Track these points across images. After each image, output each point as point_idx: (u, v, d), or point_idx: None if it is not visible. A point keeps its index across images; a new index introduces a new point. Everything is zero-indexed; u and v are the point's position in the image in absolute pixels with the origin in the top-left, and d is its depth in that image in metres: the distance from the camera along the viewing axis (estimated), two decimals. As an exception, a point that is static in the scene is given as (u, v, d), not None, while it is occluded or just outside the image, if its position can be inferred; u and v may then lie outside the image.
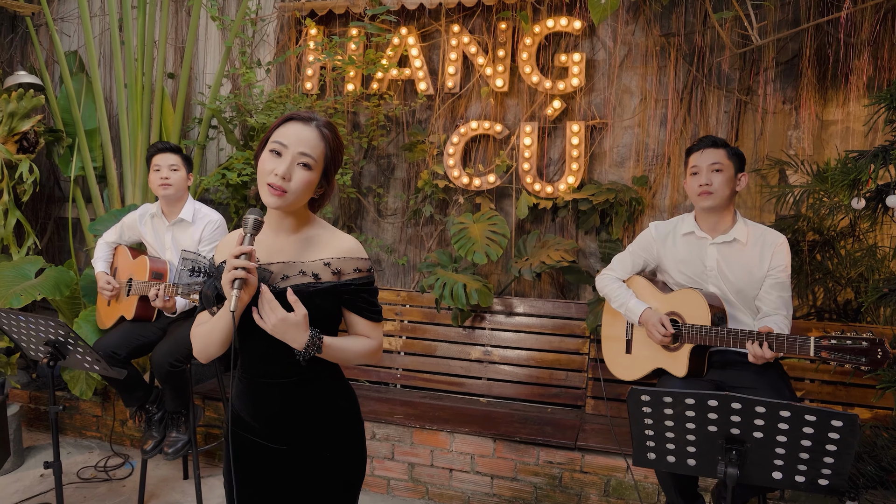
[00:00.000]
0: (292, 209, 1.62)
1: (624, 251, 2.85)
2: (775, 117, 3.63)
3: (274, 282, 1.64)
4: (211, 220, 3.15)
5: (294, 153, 1.56)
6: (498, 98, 3.96)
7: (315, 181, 1.60)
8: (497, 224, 3.69)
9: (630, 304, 2.67)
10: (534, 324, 3.71)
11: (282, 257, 1.66)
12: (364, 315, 1.71)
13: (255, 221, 1.56)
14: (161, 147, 3.15)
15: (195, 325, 1.71)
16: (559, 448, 3.15)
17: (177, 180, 3.12)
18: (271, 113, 3.75)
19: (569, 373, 3.61)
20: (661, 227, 2.72)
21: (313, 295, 1.62)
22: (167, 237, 3.17)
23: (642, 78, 3.81)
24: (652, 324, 2.54)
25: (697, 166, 2.55)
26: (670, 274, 2.67)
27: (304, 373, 1.66)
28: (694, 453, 1.97)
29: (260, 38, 4.34)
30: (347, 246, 1.68)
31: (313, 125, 1.60)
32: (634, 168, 3.84)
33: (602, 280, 2.84)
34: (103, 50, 4.64)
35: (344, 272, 1.65)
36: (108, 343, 3.02)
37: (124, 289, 3.17)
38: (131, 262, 3.23)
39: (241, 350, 1.70)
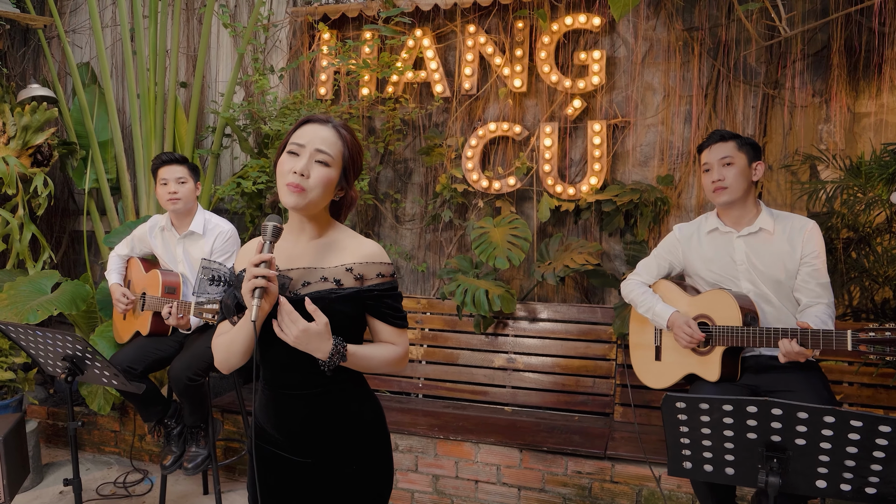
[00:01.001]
0: (312, 211, 1.62)
1: (649, 256, 2.82)
2: (804, 111, 3.57)
3: (294, 288, 1.63)
4: (222, 231, 3.14)
5: (311, 150, 1.58)
6: (516, 99, 3.95)
7: (334, 180, 1.61)
8: (518, 227, 3.66)
9: (657, 308, 2.64)
10: (558, 329, 3.67)
11: (302, 263, 1.65)
12: (388, 321, 1.69)
13: (274, 228, 1.56)
14: (166, 159, 3.12)
15: (216, 336, 1.71)
16: (588, 457, 3.11)
17: (185, 193, 3.11)
18: (286, 120, 3.76)
19: (596, 379, 3.57)
20: (685, 229, 2.70)
21: (335, 301, 1.61)
22: (178, 250, 3.18)
23: (665, 74, 3.77)
24: (678, 326, 2.51)
25: (708, 163, 2.54)
26: (700, 275, 2.63)
27: (328, 383, 1.65)
28: (732, 462, 1.93)
29: (272, 44, 4.36)
30: (369, 250, 1.67)
31: (330, 125, 1.63)
32: (659, 167, 3.80)
33: (627, 286, 2.81)
34: (115, 61, 4.69)
35: (366, 277, 1.65)
36: (124, 358, 3.03)
37: (138, 303, 3.19)
38: (144, 275, 3.24)
39: (263, 360, 1.69)
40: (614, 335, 3.55)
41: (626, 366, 3.52)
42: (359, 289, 1.64)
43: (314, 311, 1.53)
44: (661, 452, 3.02)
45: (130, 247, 3.34)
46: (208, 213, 3.22)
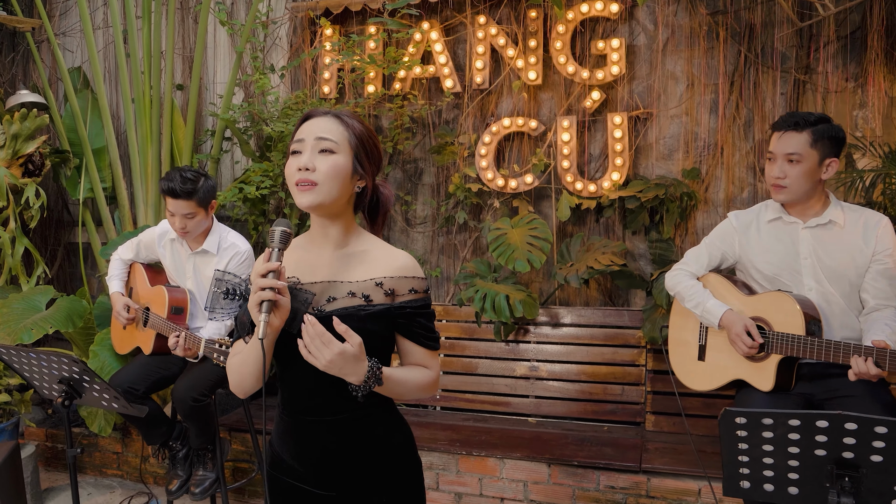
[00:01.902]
0: (332, 209, 1.49)
1: (698, 245, 2.60)
2: (838, 97, 3.42)
3: (318, 304, 1.49)
4: (238, 250, 2.95)
5: (312, 142, 1.46)
6: (531, 92, 3.80)
7: (344, 167, 1.46)
8: (538, 228, 3.51)
9: (708, 304, 2.44)
10: (583, 335, 3.52)
11: (326, 276, 1.52)
12: (421, 342, 1.56)
13: (283, 234, 1.41)
14: (170, 191, 2.78)
15: (231, 356, 1.57)
16: (622, 471, 2.96)
17: (195, 225, 2.87)
18: (288, 121, 3.61)
19: (625, 387, 3.42)
20: (742, 217, 2.49)
21: (365, 319, 1.47)
22: (188, 266, 3.01)
23: (687, 62, 3.62)
24: (736, 333, 2.33)
25: (773, 152, 2.33)
26: (756, 268, 2.42)
27: (357, 407, 1.50)
28: (797, 480, 1.78)
29: (272, 42, 4.22)
30: (401, 263, 1.53)
31: (329, 115, 1.50)
32: (684, 160, 3.64)
33: (675, 277, 2.59)
34: (108, 64, 4.54)
35: (398, 293, 1.51)
36: (125, 378, 2.88)
37: (140, 317, 3.04)
38: (149, 288, 3.09)
39: (282, 383, 1.56)
40: (644, 340, 3.39)
41: (656, 372, 3.37)
42: (390, 306, 1.50)
43: (346, 332, 1.38)
44: (699, 465, 2.87)
45: (136, 252, 3.16)
46: (224, 228, 3.01)
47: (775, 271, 2.38)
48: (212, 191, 2.90)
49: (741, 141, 3.57)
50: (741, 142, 3.57)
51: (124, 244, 3.23)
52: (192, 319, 3.02)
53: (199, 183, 2.83)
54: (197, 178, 2.83)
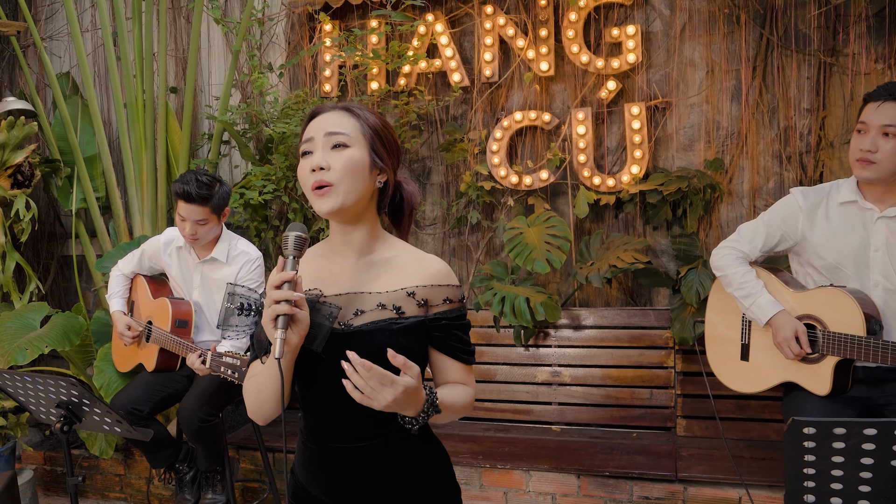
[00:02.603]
0: (355, 210, 1.36)
1: (753, 221, 2.36)
2: (867, 79, 3.28)
3: (343, 319, 1.36)
4: (249, 258, 2.82)
5: (322, 139, 1.33)
6: (543, 84, 3.66)
7: (362, 160, 1.34)
8: (556, 226, 3.37)
9: (760, 299, 2.26)
10: (607, 337, 3.38)
11: (351, 286, 1.38)
12: (458, 357, 1.43)
13: (297, 239, 1.27)
14: (185, 194, 2.64)
15: (247, 379, 1.42)
16: (656, 481, 2.82)
17: (206, 232, 2.73)
18: (290, 121, 3.46)
19: (653, 390, 3.28)
20: (810, 195, 2.24)
21: (398, 334, 1.34)
22: (196, 276, 2.87)
23: (706, 48, 3.48)
24: (784, 337, 2.17)
25: (866, 123, 2.08)
26: (819, 254, 2.20)
27: (392, 432, 1.37)
28: (868, 494, 1.64)
29: (268, 40, 4.07)
30: (434, 269, 1.40)
31: (337, 109, 1.38)
32: (705, 151, 3.51)
33: (724, 257, 2.36)
34: (98, 68, 4.39)
35: (432, 303, 1.38)
36: (127, 398, 2.74)
37: (143, 333, 2.89)
38: (151, 301, 2.94)
39: (305, 408, 1.42)
40: (671, 340, 3.25)
41: (685, 374, 3.23)
42: (424, 318, 1.37)
43: (404, 364, 1.22)
44: (735, 472, 2.73)
45: (138, 263, 3.00)
46: (234, 236, 2.88)
47: (839, 260, 2.17)
48: (226, 198, 2.77)
49: (765, 129, 3.44)
50: (765, 129, 3.44)
51: (124, 258, 3.08)
52: (198, 333, 2.88)
53: (216, 188, 2.70)
54: (213, 184, 2.70)
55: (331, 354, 1.32)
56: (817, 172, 3.37)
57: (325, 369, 1.35)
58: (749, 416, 3.12)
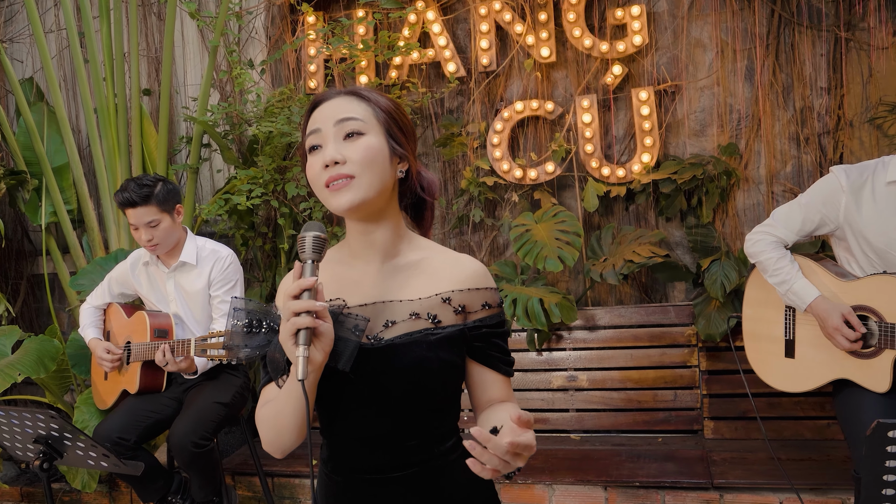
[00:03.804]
0: (376, 205, 1.19)
1: (788, 204, 2.23)
2: (886, 53, 3.17)
3: (372, 332, 1.19)
4: (220, 256, 2.67)
5: (331, 128, 1.17)
6: (543, 71, 3.50)
7: (380, 147, 1.18)
8: (566, 221, 3.21)
9: (796, 285, 2.14)
10: (625, 336, 3.22)
11: (378, 294, 1.22)
12: (500, 369, 1.27)
13: (315, 240, 1.10)
14: (125, 201, 2.52)
15: (260, 406, 1.24)
16: (690, 489, 2.67)
17: (163, 235, 2.57)
18: (275, 119, 3.27)
19: (677, 391, 3.12)
20: (853, 174, 2.09)
21: (436, 346, 1.18)
22: (169, 286, 2.68)
23: (715, 27, 3.35)
24: (834, 325, 2.03)
25: None
26: (866, 238, 2.07)
27: (433, 457, 1.22)
28: (959, 500, 1.49)
29: (247, 35, 3.87)
30: (470, 271, 1.25)
31: (343, 94, 1.21)
32: (719, 135, 3.37)
33: (758, 243, 2.23)
34: (64, 72, 4.16)
35: (470, 309, 1.23)
36: (111, 428, 2.53)
37: (123, 355, 2.69)
38: (126, 320, 2.74)
39: (328, 435, 1.26)
40: (694, 337, 3.10)
41: (710, 372, 3.08)
42: (463, 326, 1.22)
43: (528, 422, 1.00)
44: (783, 476, 2.59)
45: (108, 292, 2.83)
46: (201, 238, 2.74)
47: (888, 244, 2.03)
48: (173, 194, 2.61)
49: (780, 110, 3.31)
50: (780, 111, 3.31)
51: (93, 292, 2.91)
52: (180, 338, 2.69)
53: (158, 186, 2.56)
54: (154, 183, 2.57)
55: (359, 374, 1.16)
56: (837, 154, 3.25)
57: (353, 391, 1.18)
58: (781, 414, 2.98)
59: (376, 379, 1.17)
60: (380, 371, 1.17)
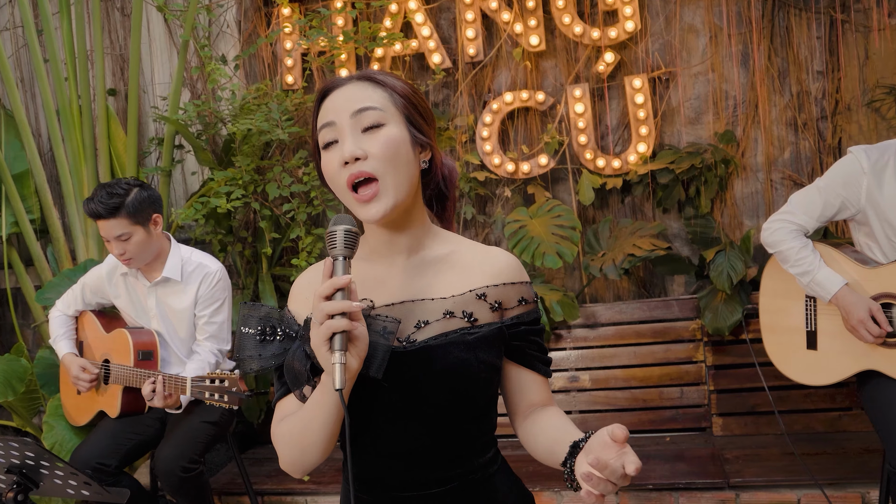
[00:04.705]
0: (404, 205, 1.10)
1: (806, 189, 2.15)
2: (882, 35, 3.13)
3: (404, 335, 1.10)
4: (209, 272, 2.47)
5: (347, 121, 1.07)
6: (532, 60, 3.40)
7: (403, 139, 1.09)
8: (562, 215, 3.12)
9: (819, 275, 2.06)
10: (627, 333, 3.13)
11: (406, 293, 1.13)
12: (539, 370, 1.20)
13: (347, 234, 1.00)
14: (92, 212, 2.32)
15: (277, 422, 1.14)
16: (705, 489, 2.59)
17: (137, 249, 2.36)
18: (253, 117, 3.11)
19: (684, 388, 3.05)
20: (874, 154, 2.02)
21: (475, 347, 1.10)
22: (150, 301, 2.49)
23: (707, 11, 3.29)
24: (859, 319, 1.96)
25: None
26: (889, 221, 2.00)
27: (473, 470, 1.16)
28: None
29: (218, 29, 3.71)
30: (503, 264, 1.17)
31: (355, 80, 1.12)
32: (715, 123, 3.31)
33: (776, 232, 2.15)
34: (22, 73, 3.95)
35: (506, 305, 1.16)
36: (91, 453, 2.36)
37: (101, 374, 2.51)
38: (104, 336, 2.56)
39: (356, 450, 1.16)
40: (699, 332, 3.03)
41: (717, 367, 3.01)
42: (501, 324, 1.14)
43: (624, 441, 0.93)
44: (789, 471, 2.53)
45: (80, 299, 2.62)
46: (185, 248, 2.53)
47: None
48: (148, 202, 2.38)
49: (776, 95, 3.26)
50: (777, 96, 3.26)
51: (63, 297, 2.69)
52: (165, 365, 2.52)
53: (129, 196, 2.33)
54: (127, 191, 2.34)
55: (392, 381, 1.06)
56: (836, 139, 3.21)
57: (385, 400, 1.09)
58: (791, 407, 2.92)
59: (411, 386, 1.08)
60: (415, 377, 1.08)
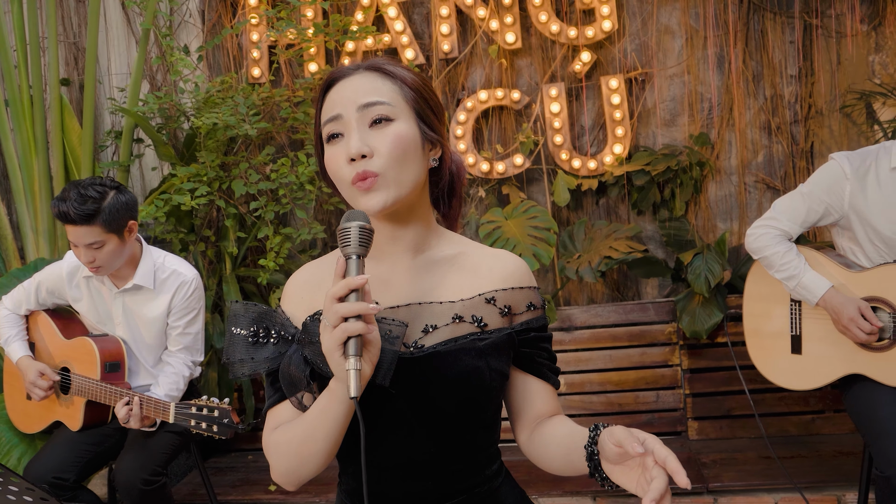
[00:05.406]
0: (406, 202, 1.06)
1: (790, 195, 2.17)
2: (854, 41, 3.18)
3: (411, 340, 1.06)
4: (184, 280, 2.31)
5: (354, 114, 1.03)
6: (508, 58, 3.36)
7: (412, 136, 1.04)
8: (538, 216, 3.08)
9: (805, 278, 2.07)
10: (603, 336, 3.12)
11: (412, 295, 1.09)
12: (549, 379, 1.16)
13: (362, 231, 0.94)
14: (62, 216, 2.12)
15: (270, 430, 1.08)
16: (683, 494, 2.58)
17: (108, 258, 2.19)
18: (218, 111, 3.00)
19: (659, 392, 3.05)
20: (856, 160, 2.05)
21: (486, 354, 1.07)
22: (116, 308, 2.34)
23: (683, 12, 3.29)
24: (849, 317, 1.98)
25: None
26: (873, 226, 2.03)
27: (481, 482, 1.11)
28: None
29: (179, 19, 3.57)
30: (512, 267, 1.14)
31: (362, 70, 1.07)
32: (690, 125, 3.32)
33: (761, 237, 2.16)
34: (-34, 59, 3.74)
35: (515, 310, 1.13)
36: (48, 466, 2.23)
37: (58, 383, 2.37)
38: (63, 342, 2.40)
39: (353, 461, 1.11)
40: (675, 335, 3.03)
41: (693, 371, 3.02)
42: (510, 330, 1.11)
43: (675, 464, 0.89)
44: (767, 475, 2.55)
45: (35, 299, 2.43)
46: (158, 252, 2.37)
47: None
48: (126, 209, 2.19)
49: (750, 98, 3.28)
50: (751, 99, 3.28)
51: (11, 294, 2.49)
52: (132, 376, 2.39)
53: (106, 201, 2.15)
54: (102, 195, 2.15)
55: (399, 388, 1.02)
56: (808, 143, 3.25)
57: (390, 408, 1.04)
58: (764, 410, 2.93)
59: (419, 394, 1.04)
60: (423, 385, 1.03)
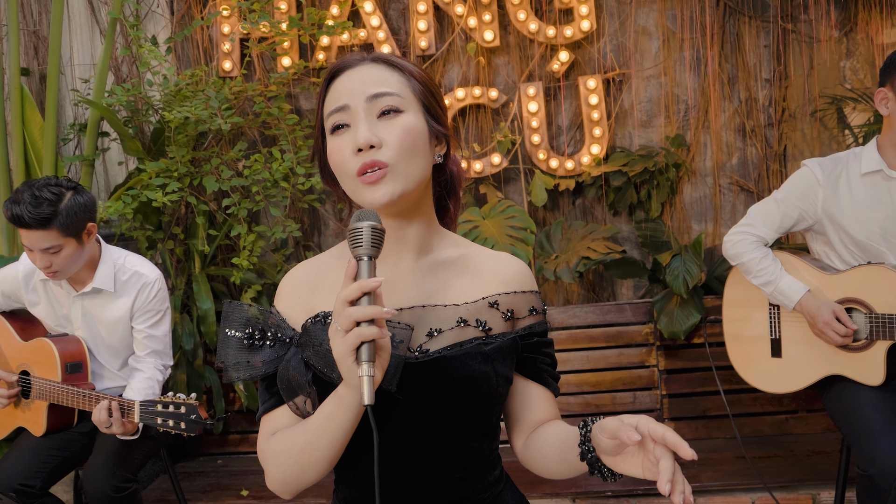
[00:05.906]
0: (411, 198, 1.04)
1: (764, 201, 2.21)
2: (827, 46, 3.25)
3: (416, 344, 1.04)
4: (146, 281, 2.23)
5: (362, 104, 1.01)
6: (486, 56, 3.35)
7: (420, 129, 1.03)
8: (516, 216, 3.08)
9: (782, 283, 2.11)
10: (580, 337, 3.12)
11: (416, 297, 1.07)
12: (550, 386, 1.17)
13: (373, 232, 0.91)
14: (15, 219, 2.01)
15: (266, 437, 1.06)
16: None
17: (66, 262, 2.09)
18: (189, 105, 2.92)
19: (636, 393, 3.07)
20: (828, 166, 2.10)
21: (492, 359, 1.05)
22: (75, 311, 2.25)
23: (661, 14, 3.32)
24: (825, 321, 2.01)
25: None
26: (846, 231, 2.07)
27: (481, 491, 1.10)
28: None
29: (147, 8, 3.47)
30: (514, 271, 1.14)
31: (369, 61, 1.06)
32: (666, 127, 3.35)
33: (737, 244, 2.18)
34: (-83, 46, 3.58)
35: (518, 315, 1.12)
36: (12, 473, 2.14)
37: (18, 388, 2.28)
38: (20, 344, 2.31)
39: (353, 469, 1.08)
40: (651, 336, 3.05)
41: (668, 371, 3.05)
42: (514, 334, 1.10)
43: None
44: (744, 475, 2.58)
45: None
46: (118, 252, 2.28)
47: (867, 236, 2.05)
48: (84, 212, 2.08)
49: (725, 101, 3.33)
50: (726, 102, 3.33)
51: None
52: (96, 379, 2.31)
53: (62, 203, 2.04)
54: (58, 197, 2.03)
55: (405, 394, 1.00)
56: (781, 146, 3.31)
57: (395, 414, 1.02)
58: (739, 411, 2.97)
59: (427, 399, 1.02)
60: (431, 390, 1.02)
